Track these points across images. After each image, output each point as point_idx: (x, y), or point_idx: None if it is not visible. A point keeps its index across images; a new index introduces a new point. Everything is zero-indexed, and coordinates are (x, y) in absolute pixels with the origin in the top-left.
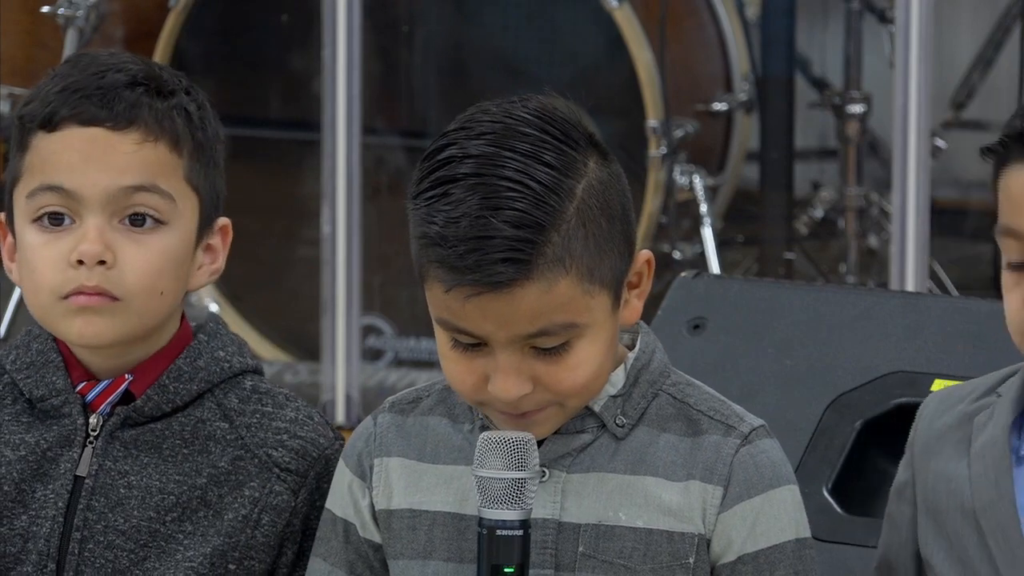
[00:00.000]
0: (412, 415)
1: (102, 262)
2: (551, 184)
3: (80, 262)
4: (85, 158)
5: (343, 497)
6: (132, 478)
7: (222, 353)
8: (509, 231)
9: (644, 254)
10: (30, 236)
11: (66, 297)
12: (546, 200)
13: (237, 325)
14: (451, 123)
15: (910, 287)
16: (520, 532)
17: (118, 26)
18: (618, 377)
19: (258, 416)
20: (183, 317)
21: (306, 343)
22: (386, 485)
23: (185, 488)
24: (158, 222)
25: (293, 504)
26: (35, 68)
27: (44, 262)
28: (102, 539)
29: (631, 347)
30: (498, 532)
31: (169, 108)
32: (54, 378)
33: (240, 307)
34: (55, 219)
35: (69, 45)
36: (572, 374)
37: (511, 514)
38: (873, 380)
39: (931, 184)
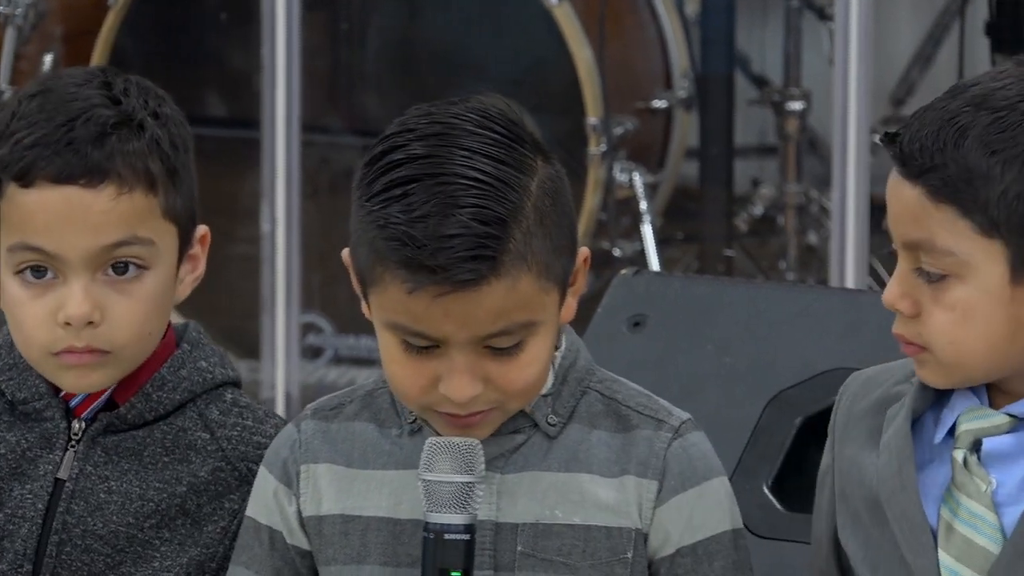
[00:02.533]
0: (336, 421)
1: (90, 322)
2: (506, 179)
3: (68, 324)
4: (62, 220)
5: (267, 504)
6: (112, 483)
7: (204, 364)
8: (475, 227)
9: (582, 252)
10: (14, 288)
11: (57, 354)
12: (505, 195)
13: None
14: (390, 126)
15: (850, 284)
16: (467, 536)
17: (57, 24)
18: (547, 376)
19: (239, 430)
20: (168, 325)
21: (246, 341)
22: (315, 491)
23: (165, 496)
24: (141, 268)
25: None
26: None
27: (31, 319)
28: (80, 542)
29: (556, 346)
30: (445, 536)
31: (142, 148)
32: (37, 381)
33: (180, 304)
34: (37, 272)
35: (8, 43)
36: (523, 373)
37: (458, 518)
38: (813, 377)
39: (870, 181)
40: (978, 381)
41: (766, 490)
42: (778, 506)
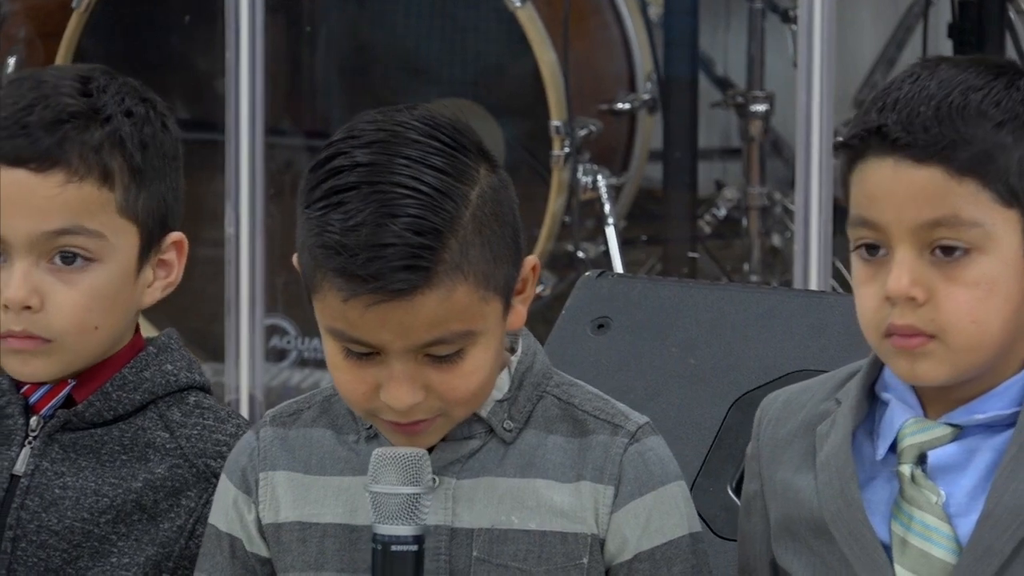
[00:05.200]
0: (294, 428)
1: (28, 307)
2: (445, 189)
3: (7, 307)
4: (10, 202)
5: (227, 512)
6: (68, 479)
7: (170, 367)
8: (409, 237)
9: (530, 260)
10: None
11: (2, 338)
12: (442, 205)
13: (141, 325)
14: (337, 132)
15: (813, 286)
16: (415, 547)
17: (20, 26)
18: (503, 381)
19: (199, 429)
20: (137, 329)
21: (210, 343)
22: (273, 499)
23: (120, 491)
24: (88, 259)
25: None
26: None
27: None
28: (35, 538)
29: (512, 350)
30: (393, 548)
31: (100, 141)
32: None
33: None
34: None
35: None
36: (465, 381)
37: (405, 529)
38: (777, 379)
39: (833, 183)
40: (979, 370)
41: (730, 492)
42: None
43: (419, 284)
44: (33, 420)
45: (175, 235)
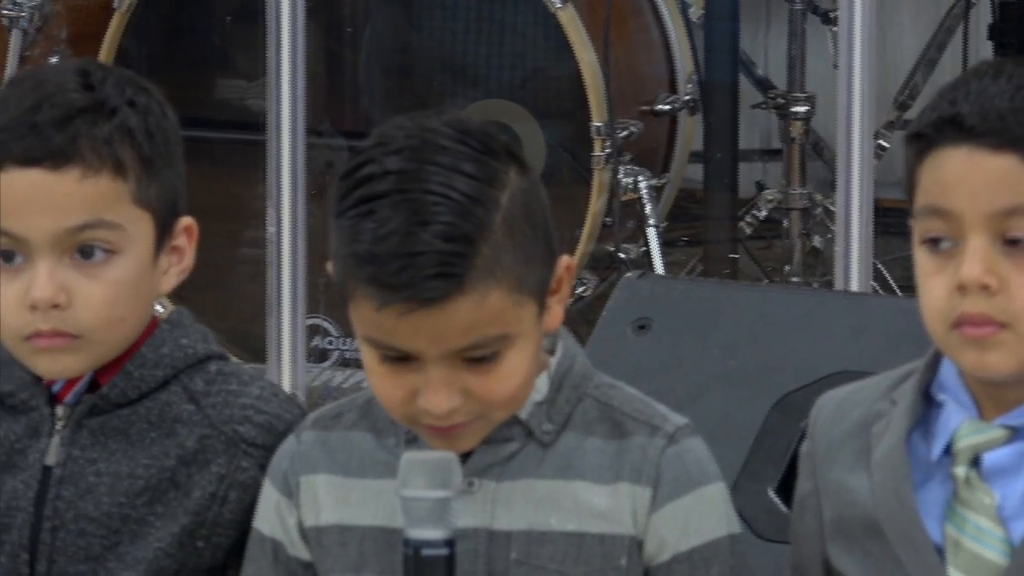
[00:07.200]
0: (335, 431)
1: (56, 305)
2: (476, 195)
3: (35, 307)
4: (26, 202)
5: (270, 516)
6: (100, 465)
7: (186, 341)
8: (439, 245)
9: (564, 260)
10: None
11: (28, 338)
12: (472, 211)
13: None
14: (369, 138)
15: (854, 287)
16: (446, 551)
17: (62, 27)
18: (542, 383)
19: (223, 395)
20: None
21: (251, 344)
22: (314, 502)
23: (154, 471)
24: (109, 252)
25: (260, 479)
26: None
27: (3, 304)
28: (73, 527)
29: (551, 352)
30: (423, 552)
31: (110, 133)
32: (21, 373)
33: (185, 307)
34: (7, 256)
35: (13, 46)
36: (503, 384)
37: (436, 533)
38: (818, 380)
39: (875, 184)
40: None
41: (771, 493)
42: (783, 509)
43: (451, 291)
44: (59, 409)
45: (185, 220)
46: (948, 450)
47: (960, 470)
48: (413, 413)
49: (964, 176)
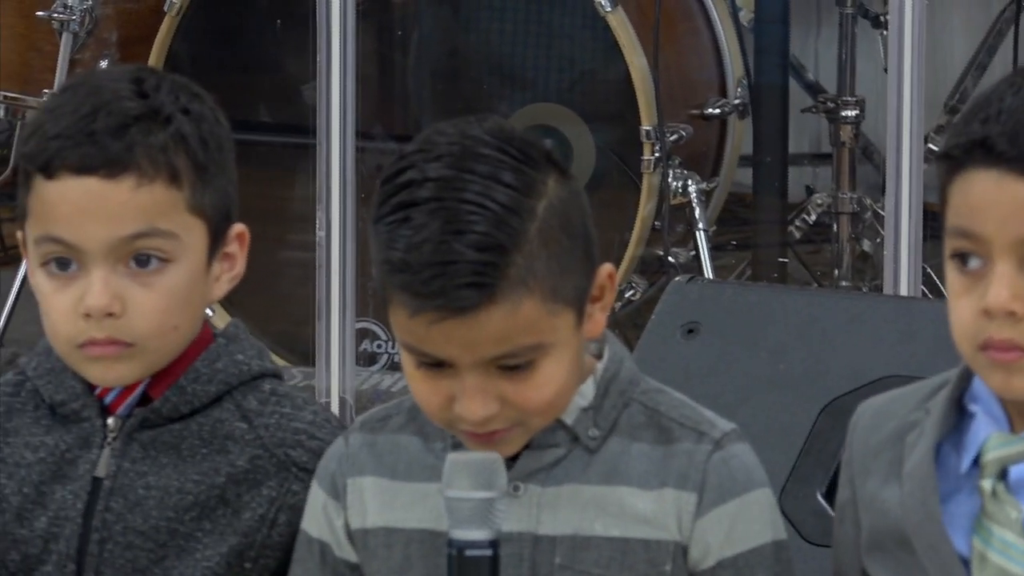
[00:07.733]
0: (383, 433)
1: (110, 314)
2: (512, 205)
3: (89, 315)
4: (81, 210)
5: (317, 518)
6: (150, 479)
7: (241, 356)
8: (472, 255)
9: (606, 268)
10: (40, 280)
11: (81, 346)
12: (508, 222)
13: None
14: (410, 145)
15: (904, 291)
16: (489, 552)
17: (112, 30)
18: (588, 389)
19: (277, 417)
20: (204, 322)
21: (300, 347)
22: (360, 504)
23: (204, 487)
24: (164, 260)
25: None
26: (30, 73)
27: (56, 312)
28: (121, 539)
29: (599, 357)
30: (467, 552)
31: (165, 141)
32: (73, 383)
33: (234, 311)
34: (62, 264)
35: (63, 49)
36: (539, 392)
37: (480, 534)
38: (867, 384)
39: (924, 188)
40: None
41: (820, 497)
42: (831, 513)
43: (483, 301)
44: (111, 421)
45: (238, 227)
46: (977, 462)
47: (987, 483)
48: (450, 419)
49: (993, 201)
